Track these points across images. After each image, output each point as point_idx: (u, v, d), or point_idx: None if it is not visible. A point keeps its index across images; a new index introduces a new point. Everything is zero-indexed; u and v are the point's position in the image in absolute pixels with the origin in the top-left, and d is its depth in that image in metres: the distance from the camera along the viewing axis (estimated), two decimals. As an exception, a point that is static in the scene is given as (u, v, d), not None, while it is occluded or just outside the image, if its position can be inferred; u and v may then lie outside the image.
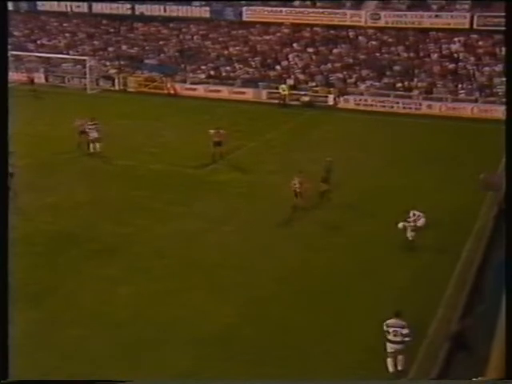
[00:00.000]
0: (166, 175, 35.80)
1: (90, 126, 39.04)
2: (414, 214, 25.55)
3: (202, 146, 39.19)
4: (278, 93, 55.78)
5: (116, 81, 62.61)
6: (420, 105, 52.16)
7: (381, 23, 60.72)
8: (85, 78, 62.08)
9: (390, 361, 18.20)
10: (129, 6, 70.59)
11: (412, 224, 25.51)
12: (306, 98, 55.48)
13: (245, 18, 66.26)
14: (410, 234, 25.69)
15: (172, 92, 60.00)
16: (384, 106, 53.12)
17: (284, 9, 64.70)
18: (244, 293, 22.28)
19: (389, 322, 18.13)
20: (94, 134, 38.81)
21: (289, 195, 31.77)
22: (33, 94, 56.39)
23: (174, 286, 23.04)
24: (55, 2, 74.22)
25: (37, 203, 30.89)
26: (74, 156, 38.51)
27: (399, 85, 54.65)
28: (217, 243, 26.73)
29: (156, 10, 69.82)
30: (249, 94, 57.78)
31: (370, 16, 61.03)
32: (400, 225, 25.58)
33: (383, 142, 41.31)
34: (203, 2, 68.82)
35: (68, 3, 73.60)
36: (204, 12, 68.27)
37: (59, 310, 21.45)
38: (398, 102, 53.01)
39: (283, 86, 56.01)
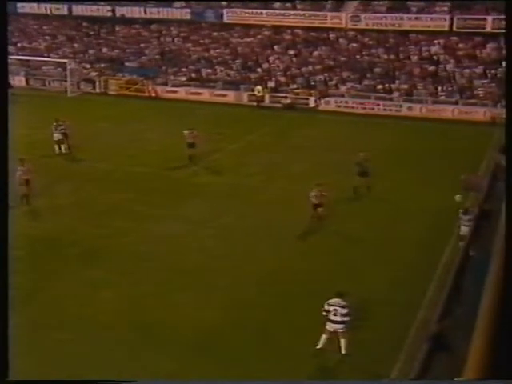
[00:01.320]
0: (146, 178, 35.58)
1: (55, 128, 39.28)
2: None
3: (182, 149, 39.13)
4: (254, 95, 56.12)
5: (97, 84, 62.52)
6: (400, 107, 52.38)
7: (361, 25, 60.89)
8: (65, 80, 61.92)
9: (324, 337, 18.37)
10: (109, 8, 70.31)
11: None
12: (287, 101, 55.61)
13: (226, 20, 66.32)
14: None
15: (153, 95, 60.06)
16: (365, 108, 53.26)
17: (265, 11, 64.64)
18: (226, 295, 22.08)
19: (330, 301, 18.32)
20: (57, 136, 38.99)
21: (269, 197, 31.94)
22: (11, 97, 55.99)
23: (156, 288, 22.86)
24: (35, 4, 73.96)
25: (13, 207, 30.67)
26: (53, 159, 38.35)
27: (380, 87, 54.82)
28: (198, 246, 26.53)
29: (136, 12, 69.63)
30: (230, 96, 57.90)
31: (350, 18, 61.15)
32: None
33: (364, 143, 41.33)
34: (184, 4, 68.86)
35: (48, 5, 73.34)
36: (185, 14, 68.20)
37: (41, 314, 21.19)
38: (378, 104, 53.22)
39: (258, 87, 56.38)
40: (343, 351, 18.40)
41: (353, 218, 29.37)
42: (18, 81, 63.20)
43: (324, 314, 18.42)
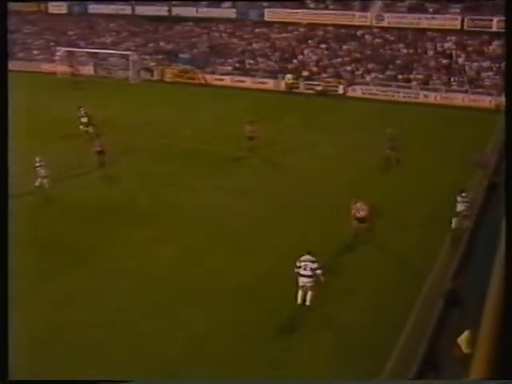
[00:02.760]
0: (197, 153, 35.20)
1: (82, 114, 38.28)
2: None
3: (228, 128, 38.81)
4: (295, 82, 55.56)
5: (155, 72, 62.25)
6: (418, 94, 51.36)
7: (384, 24, 59.97)
8: (128, 70, 61.61)
9: (300, 293, 17.90)
10: (166, 8, 70.15)
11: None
12: (319, 88, 54.89)
13: (266, 18, 65.80)
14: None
15: (203, 82, 59.57)
16: (386, 95, 52.32)
17: (300, 10, 64.14)
18: (262, 260, 21.59)
19: (301, 258, 17.98)
20: (83, 120, 37.96)
21: (302, 170, 31.50)
22: (84, 85, 56.25)
23: (203, 249, 22.57)
24: (103, 6, 74.00)
25: (84, 176, 30.76)
26: (119, 135, 37.69)
27: (400, 77, 53.84)
28: (242, 213, 26.15)
29: (190, 11, 69.36)
30: (269, 84, 57.10)
31: (375, 17, 60.24)
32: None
33: (386, 125, 40.69)
34: (230, 4, 68.40)
35: (114, 6, 73.38)
36: (231, 13, 67.86)
37: (104, 269, 21.17)
38: (398, 92, 52.26)
39: (288, 75, 55.99)
40: (307, 303, 17.89)
41: (386, 188, 29.00)
42: (87, 70, 63.63)
43: (296, 270, 17.95)
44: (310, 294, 17.90)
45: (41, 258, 21.38)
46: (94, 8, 74.53)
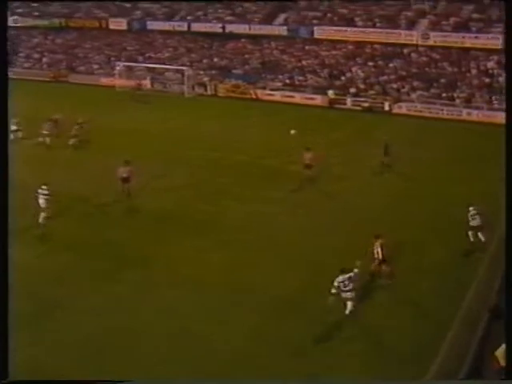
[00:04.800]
0: (248, 165, 36.65)
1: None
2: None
3: (278, 141, 40.21)
4: (342, 99, 56.88)
5: (208, 87, 63.87)
6: (461, 112, 52.20)
7: (430, 42, 60.44)
8: (183, 84, 63.48)
9: (348, 304, 18.95)
10: (220, 25, 71.58)
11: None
12: (366, 104, 56.12)
13: (316, 35, 66.56)
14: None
15: (254, 97, 61.10)
16: (431, 112, 53.20)
17: (349, 28, 65.03)
18: (307, 267, 22.74)
19: (338, 279, 18.83)
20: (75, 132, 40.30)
21: (350, 184, 32.81)
22: (141, 98, 58.38)
23: (252, 257, 23.86)
24: (161, 22, 76.09)
25: (142, 186, 32.33)
26: (172, 148, 40.02)
27: (444, 95, 54.67)
28: (290, 224, 27.36)
29: (243, 28, 70.52)
30: (317, 99, 58.17)
31: (420, 36, 61.06)
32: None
33: (430, 141, 41.86)
34: (282, 22, 69.85)
35: (172, 23, 75.20)
36: (282, 30, 68.73)
37: (160, 273, 22.57)
38: (442, 109, 53.00)
39: (330, 91, 57.35)
40: (347, 312, 18.94)
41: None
42: (144, 84, 65.43)
43: (334, 291, 18.74)
44: (349, 303, 19.00)
45: (95, 264, 22.95)
46: (152, 24, 76.49)
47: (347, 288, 18.89)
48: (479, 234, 24.15)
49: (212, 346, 17.80)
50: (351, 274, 19.02)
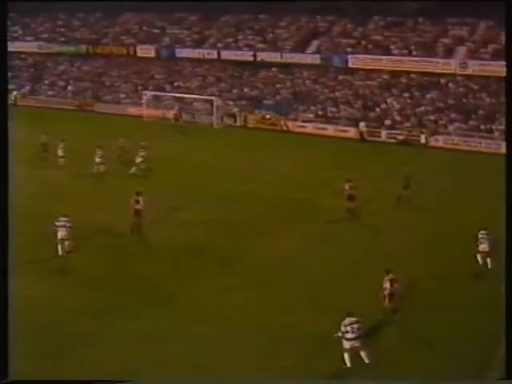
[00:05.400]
0: (277, 199, 37.54)
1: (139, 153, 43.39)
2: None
3: (310, 175, 41.56)
4: (376, 132, 58.07)
5: (238, 118, 65.47)
6: (499, 145, 52.66)
7: (468, 71, 61.59)
8: (212, 115, 65.05)
9: (346, 356, 19.21)
10: (251, 53, 73.27)
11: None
12: (401, 137, 57.13)
13: (350, 64, 67.91)
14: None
15: (285, 128, 62.44)
16: (469, 146, 54.16)
17: (384, 57, 66.26)
18: (341, 308, 21.93)
19: (345, 321, 19.27)
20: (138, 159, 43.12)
21: (385, 219, 33.83)
22: (178, 129, 60.16)
23: (280, 296, 24.61)
24: (190, 50, 77.82)
25: (168, 218, 33.78)
26: (196, 181, 41.27)
27: (482, 127, 55.69)
28: (318, 260, 28.20)
29: (274, 56, 72.00)
30: (350, 132, 59.33)
31: (459, 65, 62.05)
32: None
33: (467, 176, 42.60)
34: (315, 50, 71.37)
35: (201, 50, 76.93)
36: (315, 59, 70.18)
37: (184, 310, 23.47)
38: (480, 142, 54.07)
39: (362, 123, 58.44)
40: (366, 361, 19.21)
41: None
42: (171, 114, 66.46)
43: (340, 334, 19.27)
44: (364, 353, 19.28)
45: (120, 298, 24.19)
46: (180, 52, 78.15)
47: (353, 335, 19.34)
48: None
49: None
50: (357, 319, 19.59)
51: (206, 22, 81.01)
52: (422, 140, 56.19)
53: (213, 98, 66.57)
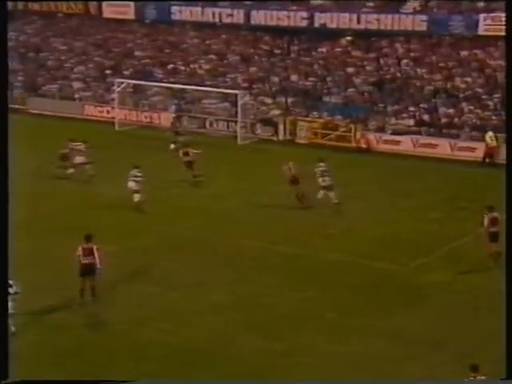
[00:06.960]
0: (348, 268, 37.05)
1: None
2: None
3: (404, 230, 41.01)
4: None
5: (280, 127, 64.36)
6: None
7: None
8: (235, 121, 64.34)
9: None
10: (305, 14, 72.50)
11: None
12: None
13: (480, 31, 66.95)
14: None
15: (363, 145, 61.45)
16: None
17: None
18: None
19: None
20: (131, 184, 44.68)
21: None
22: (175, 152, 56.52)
23: None
24: (195, 8, 77.65)
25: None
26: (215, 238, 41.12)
27: None
28: None
29: (346, 20, 71.20)
30: (481, 150, 57.75)
31: None
32: None
33: None
34: (417, 6, 70.38)
35: (217, 9, 76.56)
36: (419, 23, 68.85)
37: None
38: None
39: (490, 133, 56.82)
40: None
41: None
42: (163, 119, 66.16)
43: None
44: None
45: None
46: (179, 12, 78.04)
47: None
48: None
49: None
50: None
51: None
52: None
53: (237, 91, 65.53)
